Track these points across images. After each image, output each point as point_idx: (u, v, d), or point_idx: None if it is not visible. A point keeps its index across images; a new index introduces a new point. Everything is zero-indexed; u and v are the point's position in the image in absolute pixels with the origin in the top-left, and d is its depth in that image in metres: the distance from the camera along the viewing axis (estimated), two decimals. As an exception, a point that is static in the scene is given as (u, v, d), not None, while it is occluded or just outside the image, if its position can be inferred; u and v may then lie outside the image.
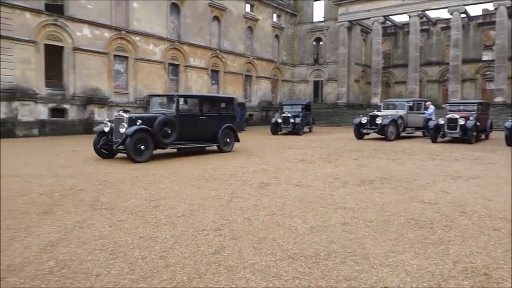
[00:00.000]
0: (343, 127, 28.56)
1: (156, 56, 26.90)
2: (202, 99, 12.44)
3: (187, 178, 7.67)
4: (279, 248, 3.77)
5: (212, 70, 31.31)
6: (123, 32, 24.64)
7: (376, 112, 18.27)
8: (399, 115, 18.12)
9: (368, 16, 34.80)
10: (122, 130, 9.98)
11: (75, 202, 5.63)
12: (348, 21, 35.73)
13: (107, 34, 23.85)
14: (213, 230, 4.32)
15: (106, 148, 10.60)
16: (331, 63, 38.59)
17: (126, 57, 25.29)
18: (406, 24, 36.97)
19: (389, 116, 17.67)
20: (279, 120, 22.15)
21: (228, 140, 12.56)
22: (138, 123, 10.00)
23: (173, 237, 4.06)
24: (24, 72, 20.31)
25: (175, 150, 11.68)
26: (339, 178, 7.72)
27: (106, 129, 10.52)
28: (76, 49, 22.36)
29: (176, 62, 28.52)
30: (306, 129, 23.61)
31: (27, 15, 20.37)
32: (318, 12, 40.49)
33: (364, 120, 17.89)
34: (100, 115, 22.97)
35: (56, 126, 21.63)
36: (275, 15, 37.80)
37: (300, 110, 23.01)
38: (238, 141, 13.09)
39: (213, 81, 31.71)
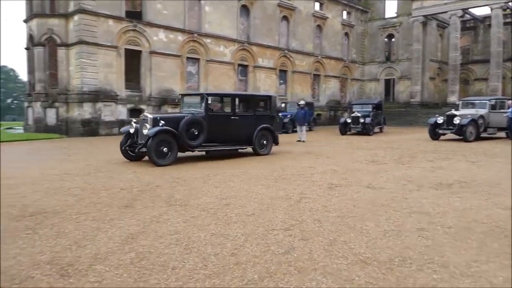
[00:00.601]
0: (416, 127, 27.20)
1: (226, 58, 27.58)
2: (234, 97, 11.51)
3: (256, 177, 7.77)
4: (351, 251, 3.68)
5: (280, 70, 31.44)
6: (195, 35, 25.57)
7: (453, 112, 17.12)
8: (480, 115, 16.82)
9: (445, 9, 32.79)
10: (145, 132, 9.44)
11: (152, 197, 5.95)
12: (423, 15, 33.95)
13: (180, 37, 24.90)
14: (283, 230, 4.33)
15: (132, 150, 10.10)
16: (404, 60, 36.95)
17: (198, 59, 26.21)
18: (487, 17, 34.32)
19: (469, 116, 16.48)
20: (348, 120, 21.65)
21: (265, 142, 11.57)
22: (160, 124, 9.45)
23: (244, 235, 4.13)
24: (107, 75, 21.87)
25: (203, 152, 10.87)
26: (413, 180, 7.36)
27: (132, 130, 10.02)
28: (152, 52, 23.61)
29: (245, 63, 29.02)
30: (376, 129, 22.83)
31: (110, 22, 21.89)
32: (390, 8, 38.84)
33: (440, 120, 16.88)
34: (173, 115, 24.02)
35: (134, 125, 22.97)
36: (345, 13, 37.01)
37: (370, 109, 22.31)
38: (277, 143, 12.08)
39: (281, 81, 31.82)
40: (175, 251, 3.69)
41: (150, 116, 9.74)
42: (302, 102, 18.77)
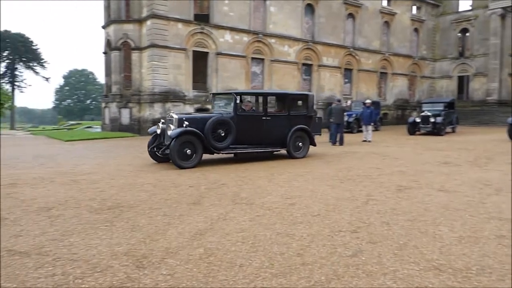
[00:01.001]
0: (493, 127, 25.30)
1: (291, 57, 27.55)
2: (266, 96, 10.82)
3: (321, 177, 7.68)
4: (422, 257, 3.52)
5: (345, 69, 30.77)
6: (260, 35, 25.82)
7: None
8: None
9: (529, 0, 30.14)
10: (169, 133, 9.23)
11: (219, 195, 6.11)
12: (502, 8, 31.45)
13: (246, 38, 25.28)
14: (350, 232, 4.24)
15: (158, 151, 9.74)
16: (479, 56, 34.48)
17: (262, 59, 26.45)
18: None
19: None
20: (417, 120, 20.66)
21: (300, 144, 10.84)
22: (184, 125, 9.10)
23: (309, 236, 4.11)
24: (176, 76, 22.81)
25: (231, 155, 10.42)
26: (491, 184, 6.87)
27: (158, 131, 9.76)
28: (218, 54, 24.21)
29: (309, 62, 28.78)
30: (448, 129, 21.56)
31: (180, 25, 22.79)
32: (464, 1, 36.41)
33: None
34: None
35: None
36: (414, 8, 35.33)
37: (441, 108, 21.13)
38: (314, 145, 11.27)
39: (346, 80, 31.14)
40: (241, 249, 3.76)
41: (175, 116, 9.43)
42: (368, 101, 18.24)
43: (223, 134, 9.49)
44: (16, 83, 59.16)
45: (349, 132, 20.35)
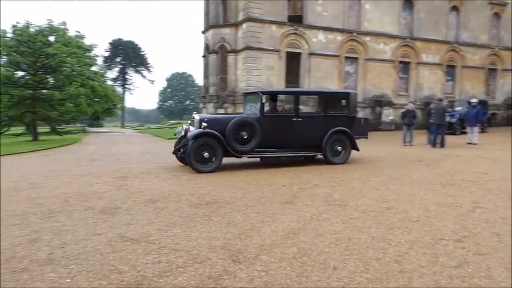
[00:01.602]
0: None
1: (386, 55, 26.42)
2: (298, 95, 9.93)
3: (420, 181, 7.25)
4: (542, 275, 3.13)
5: (447, 66, 28.61)
6: (355, 34, 25.17)
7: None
8: None
9: None
10: (188, 134, 8.88)
11: (311, 196, 6.09)
12: None
13: (339, 37, 24.85)
14: (454, 241, 3.94)
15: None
16: None
17: (356, 58, 25.75)
18: None
19: None
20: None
21: (339, 148, 9.68)
22: (202, 126, 8.54)
23: (408, 243, 3.91)
24: (269, 77, 23.24)
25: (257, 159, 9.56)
26: None
27: (183, 133, 9.32)
28: (311, 54, 24.13)
29: (407, 60, 27.29)
30: None
31: (274, 27, 23.18)
32: None
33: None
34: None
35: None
36: (532, -5, 31.52)
37: None
38: (357, 149, 10.02)
39: (448, 78, 28.93)
40: (335, 251, 3.70)
41: (197, 117, 8.97)
42: (474, 100, 16.72)
43: (246, 137, 8.81)
44: (126, 86, 65.30)
45: (451, 133, 18.88)
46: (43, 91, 22.41)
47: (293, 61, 24.18)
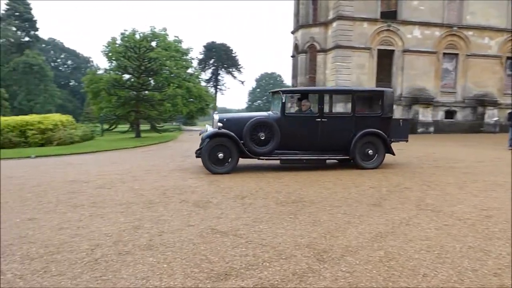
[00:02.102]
0: None
1: (491, 51, 24.18)
2: (322, 94, 9.28)
3: (528, 190, 6.55)
4: None
5: None
6: (455, 28, 23.44)
7: None
8: None
9: None
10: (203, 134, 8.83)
11: (401, 199, 5.85)
12: None
13: (437, 32, 23.35)
14: None
15: None
16: None
17: (456, 54, 23.97)
18: None
19: None
20: None
21: (370, 151, 8.90)
22: (218, 127, 8.40)
23: (510, 255, 3.58)
24: (359, 76, 22.67)
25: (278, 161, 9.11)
26: None
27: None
28: (405, 51, 23.02)
29: (517, 55, 24.68)
30: None
31: (365, 24, 22.55)
32: None
33: None
34: (424, 115, 22.81)
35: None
36: None
37: None
38: (392, 153, 9.13)
39: None
40: (426, 257, 3.54)
41: (216, 117, 8.79)
42: None
43: (263, 138, 8.47)
44: (218, 87, 68.23)
45: None
46: (145, 92, 24.37)
47: (385, 59, 23.27)
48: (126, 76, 27.76)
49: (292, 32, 27.11)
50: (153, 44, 34.92)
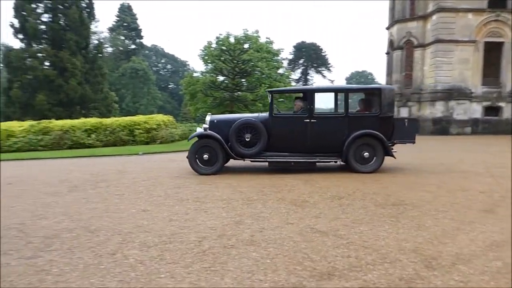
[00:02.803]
0: None
1: None
2: (312, 93, 8.51)
3: None
4: None
5: None
6: None
7: None
8: None
9: None
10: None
11: (518, 206, 5.31)
12: None
13: (558, 20, 20.68)
14: None
15: None
16: None
17: None
18: None
19: None
20: None
21: (366, 154, 8.21)
22: (203, 128, 8.53)
23: None
24: (462, 72, 21.01)
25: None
26: None
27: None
28: (518, 42, 20.76)
29: None
30: None
31: (469, 16, 20.83)
32: None
33: None
34: (542, 113, 20.38)
35: (489, 124, 21.07)
36: None
37: None
38: (391, 155, 8.34)
39: None
40: (553, 272, 3.17)
41: (208, 118, 8.82)
42: None
43: (248, 139, 8.31)
44: (307, 86, 67.93)
45: None
46: (239, 93, 25.23)
47: (493, 52, 21.21)
48: (220, 78, 28.98)
49: (387, 28, 25.97)
50: (246, 46, 35.98)
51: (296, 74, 66.34)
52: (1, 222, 4.80)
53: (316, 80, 66.92)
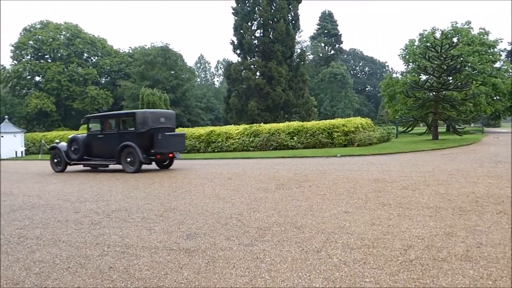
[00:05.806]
0: None
1: None
2: (105, 118, 13.02)
3: None
4: None
5: None
6: None
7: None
8: None
9: None
10: None
11: None
12: None
13: None
14: None
15: None
16: None
17: None
18: None
19: None
20: None
21: (129, 159, 11.69)
22: (56, 141, 14.39)
23: None
24: None
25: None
26: None
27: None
28: None
29: None
30: None
31: None
32: None
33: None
34: None
35: None
36: None
37: None
38: (144, 162, 11.63)
39: None
40: None
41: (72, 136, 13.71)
42: None
43: (72, 149, 12.86)
44: None
45: None
46: (444, 92, 22.95)
47: None
48: (423, 77, 26.94)
49: None
50: (454, 40, 32.52)
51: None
52: (224, 211, 5.58)
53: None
